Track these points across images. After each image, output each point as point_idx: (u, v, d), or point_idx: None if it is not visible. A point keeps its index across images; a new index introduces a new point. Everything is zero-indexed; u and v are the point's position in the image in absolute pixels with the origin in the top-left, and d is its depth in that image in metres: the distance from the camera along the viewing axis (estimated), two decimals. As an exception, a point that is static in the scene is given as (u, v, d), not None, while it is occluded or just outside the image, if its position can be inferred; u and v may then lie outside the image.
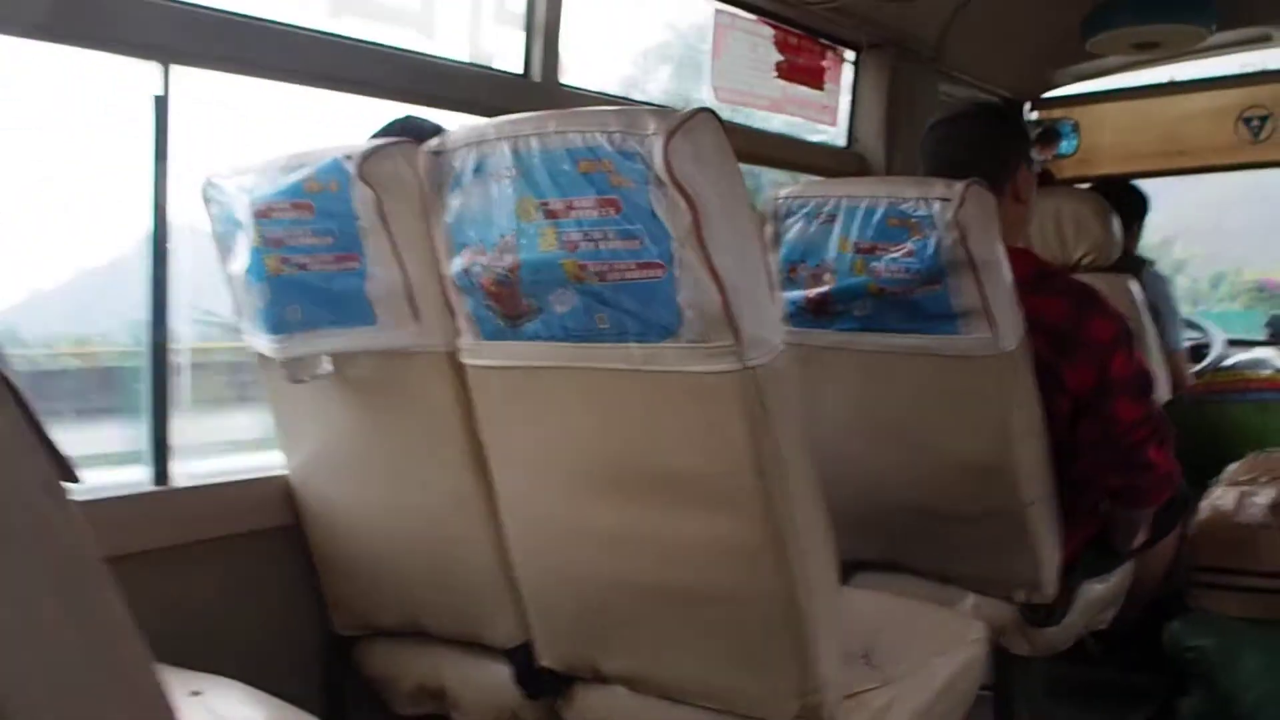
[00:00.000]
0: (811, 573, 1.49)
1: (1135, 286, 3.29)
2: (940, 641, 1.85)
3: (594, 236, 1.40)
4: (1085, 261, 3.30)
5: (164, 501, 1.96)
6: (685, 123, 1.34)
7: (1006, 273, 1.99)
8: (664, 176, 1.33)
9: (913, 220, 1.96)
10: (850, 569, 2.36)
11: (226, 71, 2.03)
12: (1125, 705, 2.76)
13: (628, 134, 1.36)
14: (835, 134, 3.68)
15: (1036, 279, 2.16)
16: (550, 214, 1.43)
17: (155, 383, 1.99)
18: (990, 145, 2.26)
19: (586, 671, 1.72)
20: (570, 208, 1.41)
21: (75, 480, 0.78)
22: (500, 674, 1.83)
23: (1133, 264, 3.51)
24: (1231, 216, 6.13)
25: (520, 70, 2.54)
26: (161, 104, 1.93)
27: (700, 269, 1.36)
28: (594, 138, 1.38)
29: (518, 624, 1.79)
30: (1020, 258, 2.18)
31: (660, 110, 1.37)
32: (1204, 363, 3.60)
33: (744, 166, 1.69)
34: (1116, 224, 3.28)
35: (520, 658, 1.80)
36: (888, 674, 1.69)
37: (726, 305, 1.37)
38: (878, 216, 1.99)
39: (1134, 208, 3.75)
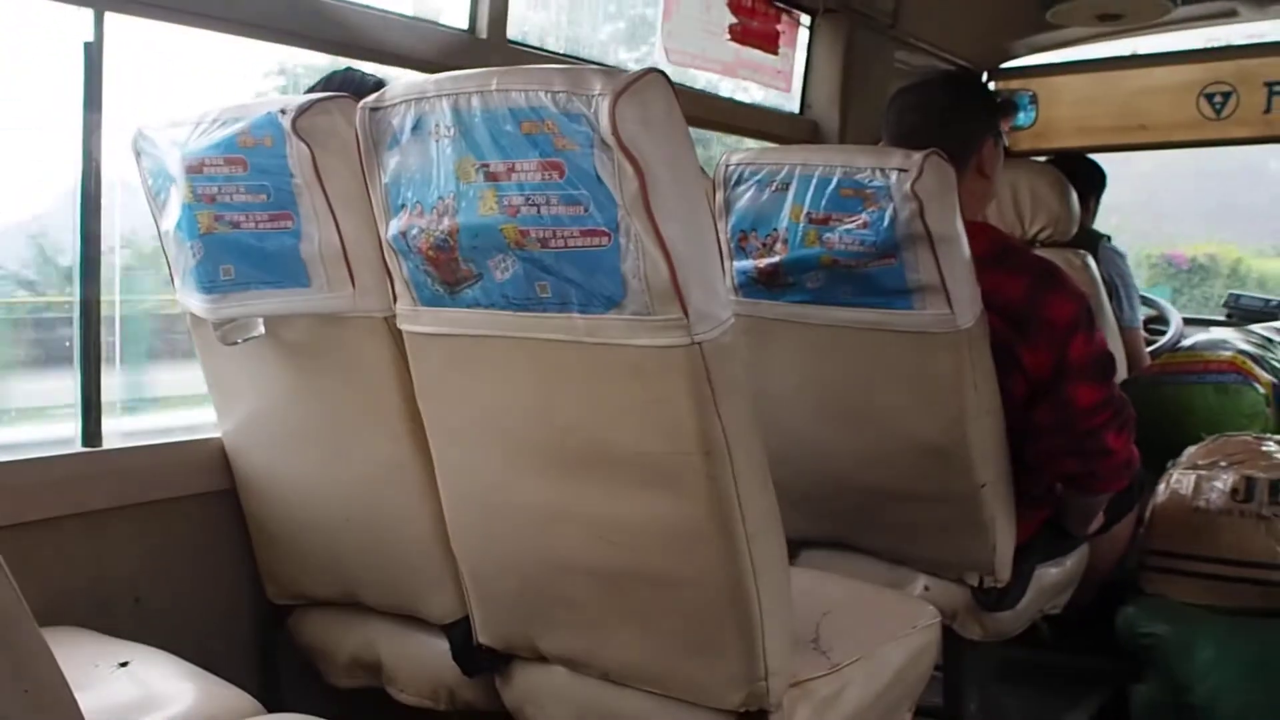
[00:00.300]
0: (759, 556, 1.44)
1: (1092, 262, 3.26)
2: (892, 626, 1.80)
3: (536, 201, 1.34)
4: (1042, 236, 3.27)
5: (95, 462, 1.91)
6: (633, 84, 1.28)
7: (965, 248, 1.94)
8: (610, 140, 1.27)
9: (868, 191, 1.90)
10: (796, 547, 2.32)
11: (162, 20, 1.95)
12: (1078, 691, 2.74)
13: (573, 94, 1.29)
14: (788, 100, 3.60)
15: (997, 255, 2.11)
16: (491, 176, 1.36)
17: (85, 339, 1.92)
18: (956, 116, 2.21)
19: (526, 650, 1.67)
20: (512, 170, 1.34)
21: None
22: (437, 649, 1.79)
23: (1089, 239, 3.48)
24: (1169, 192, 6.10)
25: (466, 26, 2.45)
26: (93, 50, 1.85)
27: (647, 238, 1.30)
28: (538, 97, 1.32)
29: (455, 599, 1.74)
30: (981, 233, 2.13)
31: (607, 70, 1.30)
32: (1161, 342, 3.58)
33: (694, 132, 1.63)
34: (1074, 198, 3.25)
35: (458, 634, 1.75)
36: (836, 660, 1.64)
37: (674, 277, 1.31)
38: (832, 186, 1.93)
39: (1091, 182, 3.72)
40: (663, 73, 1.31)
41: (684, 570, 1.45)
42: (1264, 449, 2.55)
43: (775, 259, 2.03)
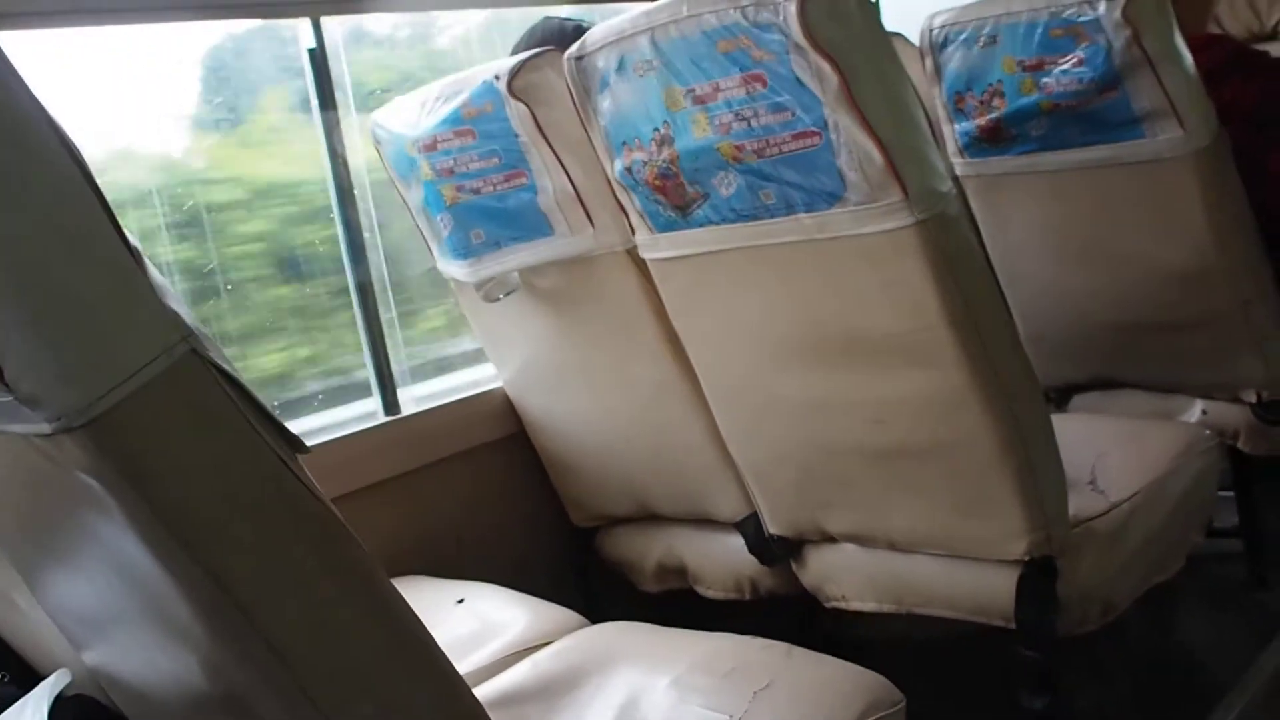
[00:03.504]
0: (1020, 413, 1.48)
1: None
2: (1168, 456, 1.81)
3: (745, 115, 1.40)
4: (1284, 25, 3.09)
5: (399, 429, 2.08)
6: None
7: (1189, 65, 1.89)
8: (803, 42, 1.32)
9: (1078, 27, 1.88)
10: (1066, 393, 2.32)
11: (369, 11, 2.08)
12: None
13: (760, 5, 1.34)
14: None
15: (1231, 63, 2.05)
16: (698, 100, 1.43)
17: (367, 319, 2.10)
18: None
19: (814, 534, 1.76)
20: (717, 90, 1.41)
21: (305, 450, 0.86)
22: (734, 545, 1.89)
23: None
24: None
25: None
26: (318, 55, 2.00)
27: (856, 130, 1.34)
28: (728, 15, 1.38)
29: (741, 498, 1.83)
30: (1210, 44, 2.07)
31: None
32: None
33: None
34: None
35: (749, 528, 1.85)
36: (1115, 498, 1.67)
37: (889, 162, 1.35)
38: (1040, 30, 1.92)
39: None
40: None
41: (950, 437, 1.50)
42: None
43: (995, 114, 2.04)
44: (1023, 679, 1.58)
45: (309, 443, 0.87)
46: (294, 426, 0.85)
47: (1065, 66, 1.91)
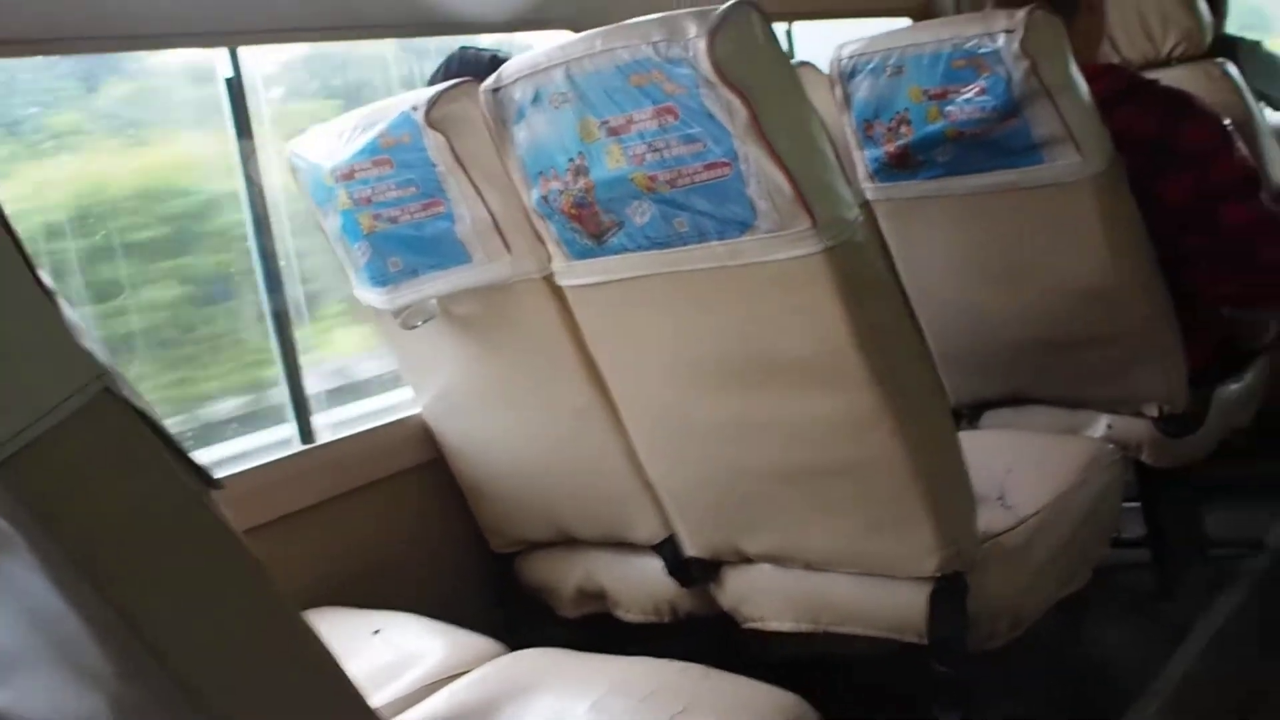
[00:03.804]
0: (928, 433, 1.53)
1: (1232, 68, 3.17)
2: (1073, 470, 1.87)
3: (658, 146, 1.44)
4: (1177, 53, 3.17)
5: (315, 457, 2.07)
6: (725, 20, 1.36)
7: (1085, 93, 1.96)
8: (713, 77, 1.36)
9: (980, 58, 1.94)
10: (978, 410, 2.38)
11: (290, 41, 2.10)
12: None
13: (671, 41, 1.38)
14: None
15: (1124, 92, 2.12)
16: (612, 131, 1.46)
17: (283, 347, 2.10)
18: None
19: (732, 555, 1.78)
20: (630, 122, 1.45)
21: (219, 486, 0.86)
22: (653, 568, 1.90)
23: (1225, 45, 3.38)
24: None
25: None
26: (234, 84, 2.00)
27: (765, 160, 1.38)
28: (640, 50, 1.41)
29: (660, 520, 1.85)
30: (1105, 74, 2.14)
31: (699, 11, 1.38)
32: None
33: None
34: (1201, 7, 3.15)
35: (668, 551, 1.86)
36: (1023, 513, 1.72)
37: (798, 191, 1.39)
38: (944, 60, 1.98)
39: None
40: (750, 3, 1.39)
41: (860, 457, 1.54)
42: None
43: (903, 141, 2.09)
44: (936, 694, 1.62)
45: (223, 473, 0.87)
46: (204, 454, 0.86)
47: (968, 95, 1.97)
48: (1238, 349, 2.34)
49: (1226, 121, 2.22)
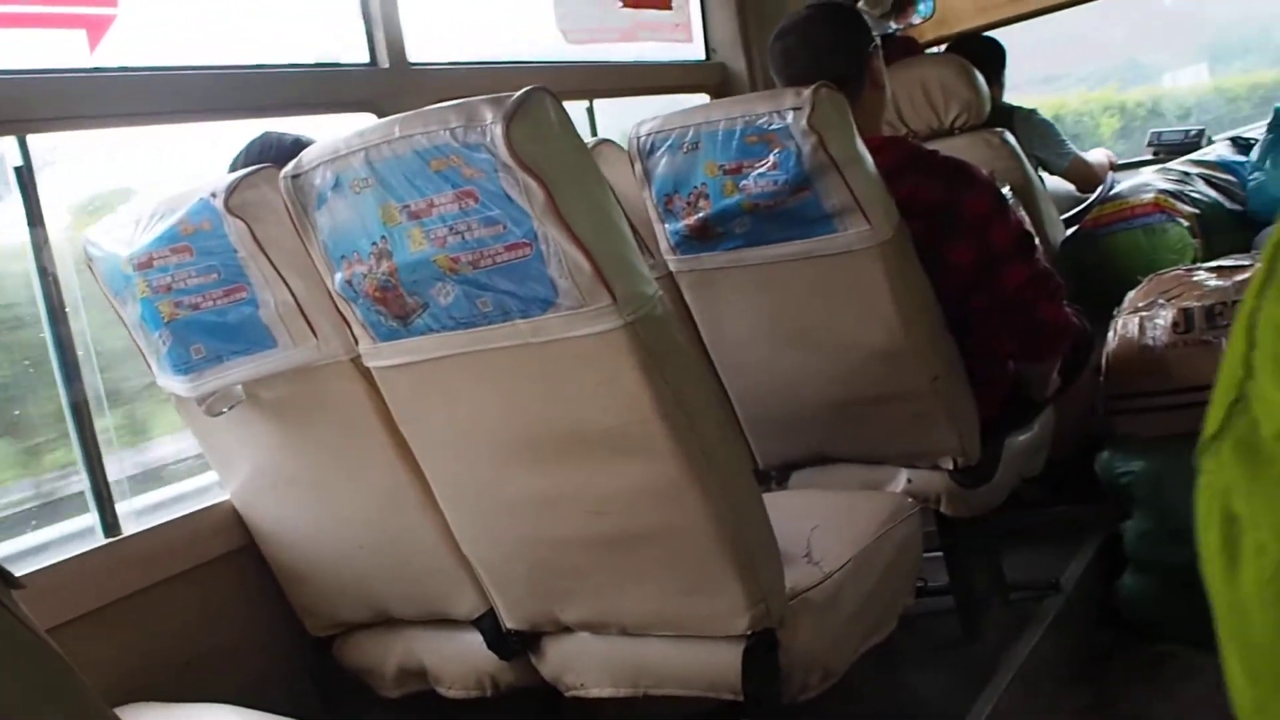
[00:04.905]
0: (733, 497, 1.59)
1: (1010, 137, 3.38)
2: (874, 525, 1.94)
3: (459, 229, 1.46)
4: (959, 123, 3.38)
5: (120, 550, 2.00)
6: (520, 106, 1.40)
7: (870, 166, 2.07)
8: (510, 161, 1.40)
9: (770, 134, 2.03)
10: (786, 471, 2.46)
11: (86, 129, 2.06)
12: (1075, 541, 2.89)
13: (468, 127, 1.42)
14: (695, 50, 3.70)
15: (908, 163, 2.24)
16: (414, 215, 1.49)
17: (82, 438, 2.03)
18: (840, 44, 2.32)
19: (550, 625, 1.81)
20: (431, 206, 1.47)
21: (19, 586, 0.85)
22: (473, 643, 1.91)
23: (1003, 114, 3.60)
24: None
25: (368, 60, 2.54)
26: (24, 173, 1.95)
27: (564, 240, 1.43)
28: (439, 135, 1.44)
29: (477, 595, 1.86)
30: (889, 146, 2.26)
31: (496, 98, 1.42)
32: (1092, 197, 3.70)
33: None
34: (980, 81, 3.36)
35: (487, 625, 1.87)
36: (829, 568, 1.79)
37: (596, 269, 1.44)
38: (737, 136, 2.07)
39: (992, 59, 3.83)
40: (544, 89, 1.44)
41: (668, 523, 1.59)
42: (1194, 279, 2.69)
43: (701, 214, 2.17)
44: (754, 750, 1.67)
45: (24, 570, 0.86)
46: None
47: (761, 170, 2.06)
48: (1025, 401, 2.47)
49: (1006, 189, 2.37)
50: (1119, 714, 2.43)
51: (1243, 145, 3.76)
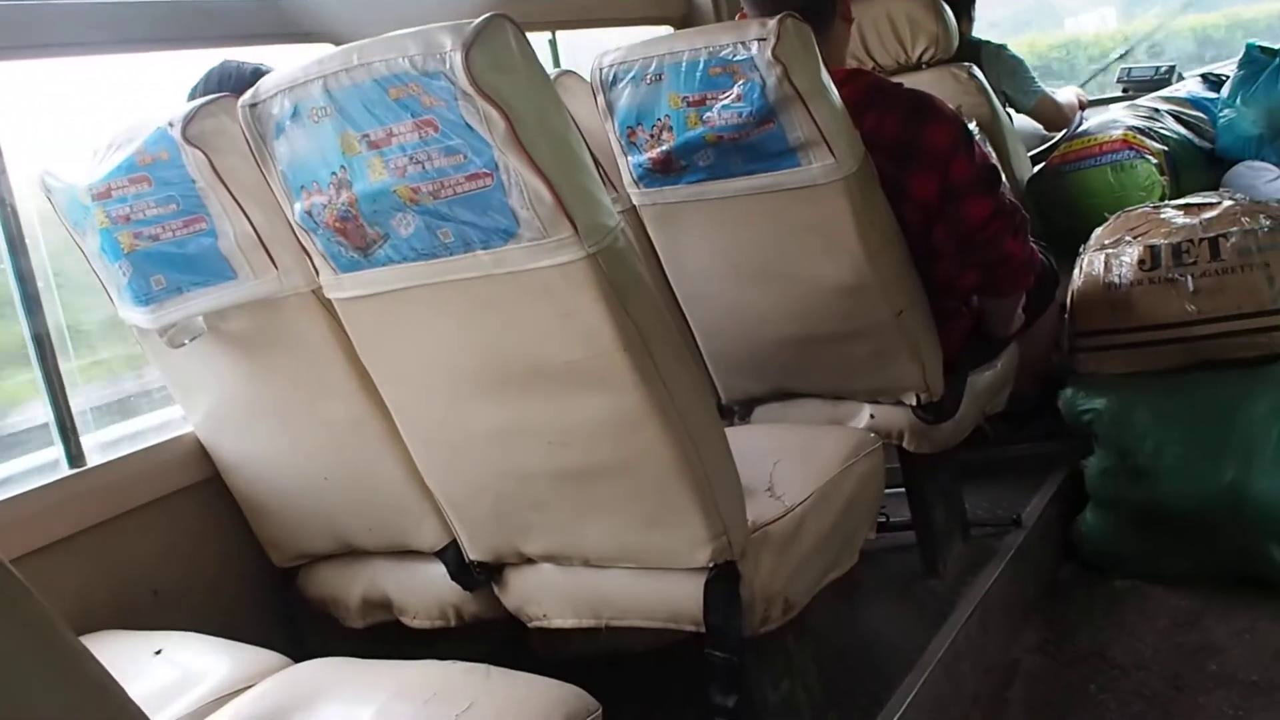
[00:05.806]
0: (694, 429, 1.59)
1: (978, 71, 3.37)
2: (836, 460, 1.95)
3: (419, 159, 1.45)
4: (926, 57, 3.36)
5: (85, 481, 2.00)
6: (480, 34, 1.38)
7: (835, 98, 2.06)
8: (470, 90, 1.38)
9: (735, 65, 2.02)
10: (749, 406, 2.47)
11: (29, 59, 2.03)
12: (1037, 477, 2.91)
13: (427, 55, 1.40)
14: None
15: (871, 96, 2.23)
16: (373, 144, 1.47)
17: (45, 370, 2.02)
18: None
19: (513, 557, 1.82)
20: (390, 135, 1.46)
21: None
22: (436, 574, 1.92)
23: (971, 49, 3.58)
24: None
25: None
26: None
27: (525, 170, 1.41)
28: (397, 63, 1.42)
29: (441, 527, 1.87)
30: (853, 78, 2.25)
31: (455, 25, 1.40)
32: (1058, 136, 3.70)
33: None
34: (948, 15, 3.34)
35: (450, 556, 1.88)
36: (790, 502, 1.80)
37: (558, 199, 1.43)
38: (701, 67, 2.05)
39: None
40: (504, 16, 1.42)
41: (630, 456, 1.59)
42: (1161, 216, 2.69)
43: (665, 147, 2.15)
44: (713, 679, 1.68)
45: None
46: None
47: (725, 102, 2.04)
48: (989, 337, 2.48)
49: (972, 125, 2.36)
50: (1077, 647, 2.47)
51: (1213, 82, 3.74)
